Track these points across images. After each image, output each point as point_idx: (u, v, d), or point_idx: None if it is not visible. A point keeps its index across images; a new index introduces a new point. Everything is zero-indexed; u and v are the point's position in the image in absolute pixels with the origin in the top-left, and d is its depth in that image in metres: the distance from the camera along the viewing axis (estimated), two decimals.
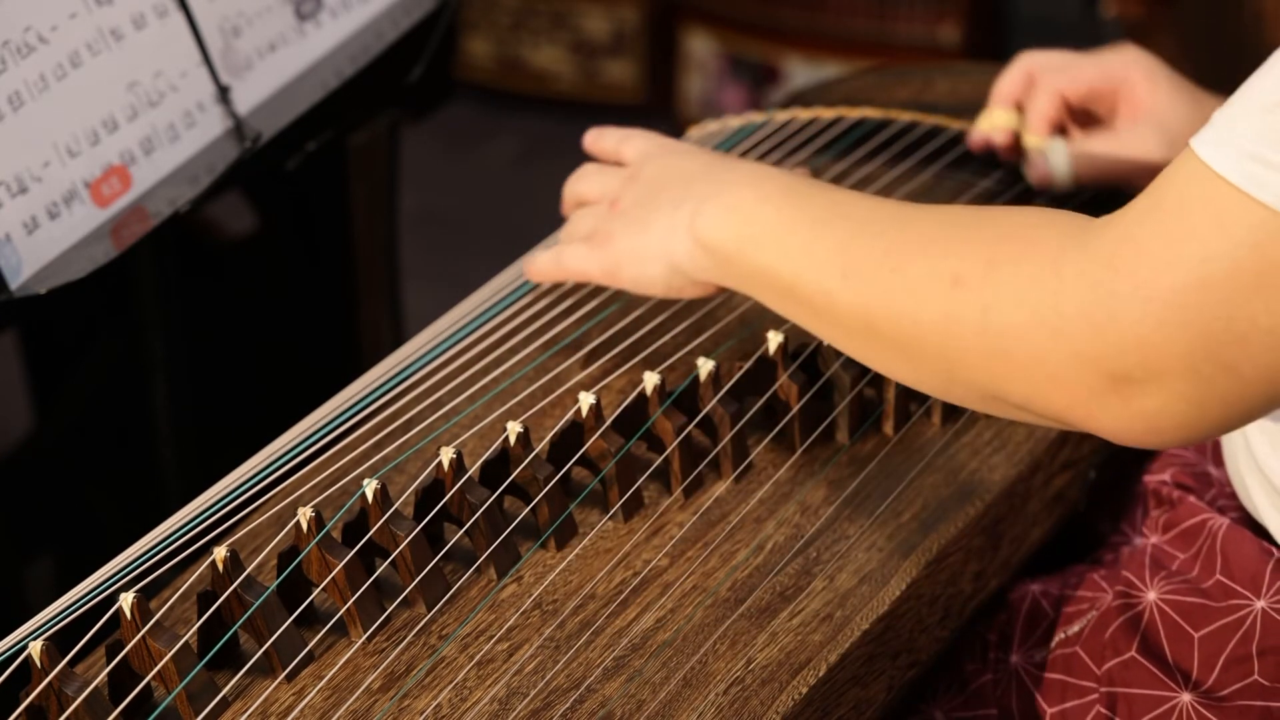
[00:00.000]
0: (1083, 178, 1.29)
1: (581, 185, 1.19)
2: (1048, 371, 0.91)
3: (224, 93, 1.36)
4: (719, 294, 1.11)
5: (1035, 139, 1.31)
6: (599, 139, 1.21)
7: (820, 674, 1.01)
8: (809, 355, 1.16)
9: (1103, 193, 1.33)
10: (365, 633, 1.01)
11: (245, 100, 1.38)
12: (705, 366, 1.12)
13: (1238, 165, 0.85)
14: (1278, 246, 0.84)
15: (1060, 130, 1.31)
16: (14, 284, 1.21)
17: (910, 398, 1.17)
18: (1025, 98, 1.33)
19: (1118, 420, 0.90)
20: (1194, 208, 0.87)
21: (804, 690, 1.00)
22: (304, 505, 1.02)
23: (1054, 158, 1.28)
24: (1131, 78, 1.27)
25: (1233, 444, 1.09)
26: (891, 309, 0.96)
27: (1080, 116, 1.32)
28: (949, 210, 0.99)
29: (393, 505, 1.03)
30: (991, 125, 1.34)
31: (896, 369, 0.99)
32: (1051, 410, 0.92)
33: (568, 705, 0.98)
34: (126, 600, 0.97)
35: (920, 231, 0.97)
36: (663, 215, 1.09)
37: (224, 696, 0.98)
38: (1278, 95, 0.85)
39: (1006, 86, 1.33)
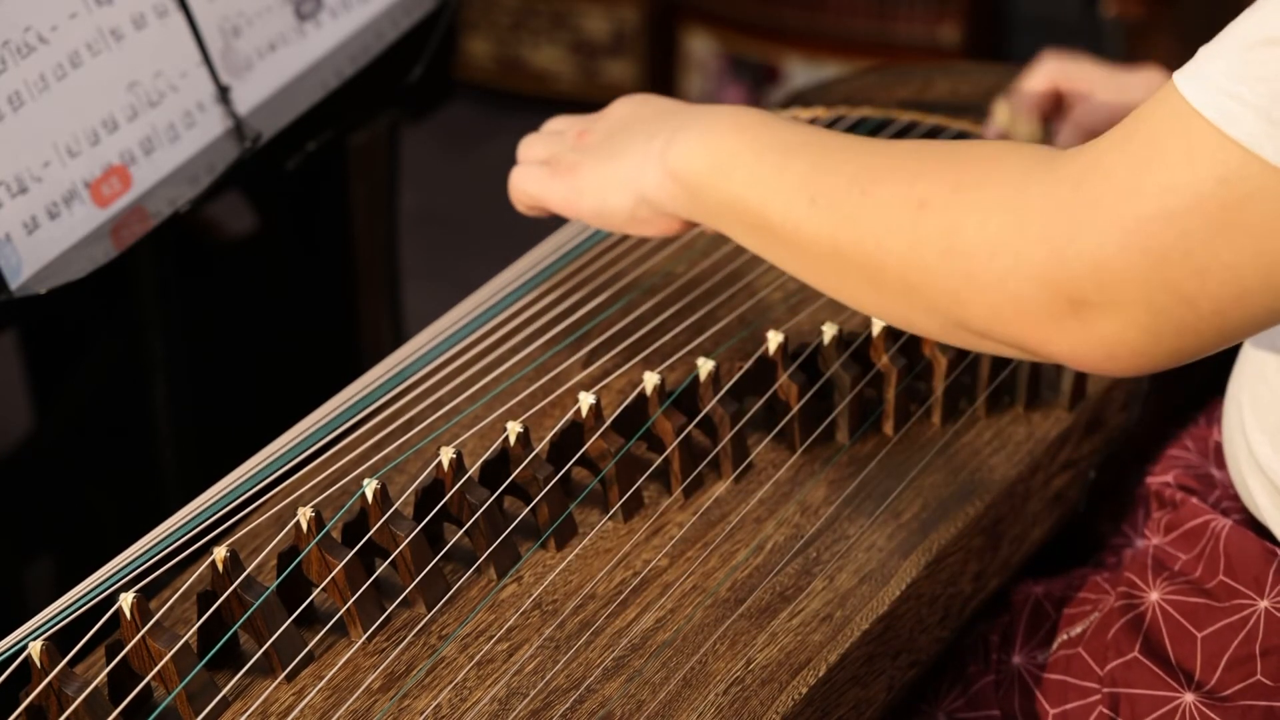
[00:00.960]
0: None
1: (546, 126, 1.18)
2: (1009, 293, 0.91)
3: (224, 93, 1.36)
4: (683, 231, 1.09)
5: None
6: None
7: (820, 674, 1.01)
8: (809, 355, 1.16)
9: None
10: (365, 633, 1.01)
11: (245, 100, 1.38)
12: (705, 366, 1.12)
13: (1213, 100, 0.85)
14: (1244, 183, 0.85)
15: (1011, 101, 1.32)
16: (14, 284, 1.21)
17: (910, 397, 1.18)
18: (1050, 109, 1.33)
19: (1075, 345, 0.90)
20: (1166, 139, 0.87)
21: (804, 690, 1.00)
22: (304, 505, 1.02)
23: (1010, 130, 1.28)
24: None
25: (1235, 446, 1.09)
26: (858, 234, 0.96)
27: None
28: (919, 141, 0.99)
29: (393, 505, 1.03)
30: (1014, 131, 1.34)
31: (863, 298, 0.99)
32: (1010, 334, 0.92)
33: (568, 705, 0.98)
34: (126, 600, 0.97)
35: (889, 158, 0.97)
36: (635, 146, 1.08)
37: (224, 696, 0.98)
38: (1259, 34, 0.85)
39: (1032, 95, 1.33)
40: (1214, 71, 0.86)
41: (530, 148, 1.16)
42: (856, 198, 0.96)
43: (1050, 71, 1.33)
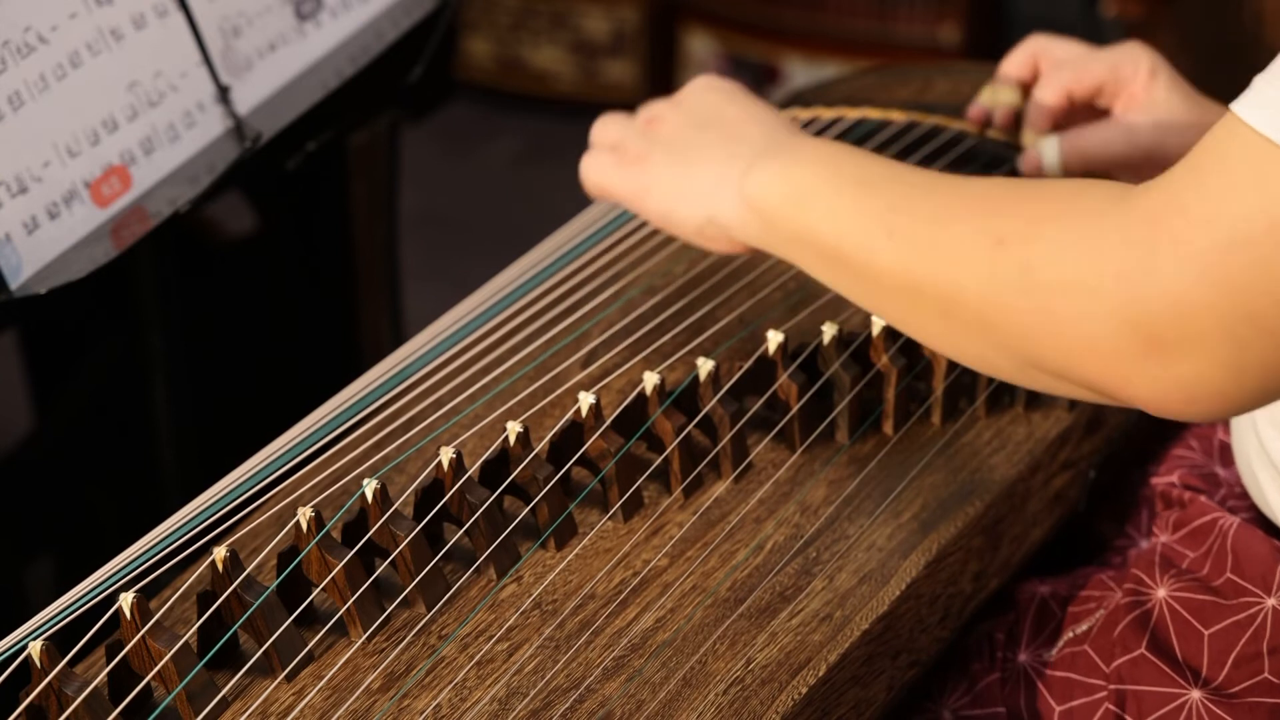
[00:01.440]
0: (1070, 169, 1.28)
1: (619, 114, 1.16)
2: (1086, 332, 0.90)
3: (224, 93, 1.36)
4: (747, 254, 1.09)
5: (1032, 134, 1.31)
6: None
7: (820, 674, 1.01)
8: (809, 355, 1.16)
9: None
10: (365, 633, 1.01)
11: (245, 100, 1.38)
12: (705, 366, 1.12)
13: (1277, 124, 0.85)
14: None
15: (1061, 124, 1.31)
16: (14, 284, 1.21)
17: (910, 397, 1.18)
18: (1030, 81, 1.33)
19: (1154, 387, 0.89)
20: (1233, 166, 0.86)
21: (804, 690, 1.00)
22: (304, 505, 1.02)
23: (1047, 153, 1.28)
24: (1137, 74, 1.27)
25: (1244, 440, 1.09)
26: (934, 269, 0.96)
27: (1082, 110, 1.32)
28: (996, 178, 0.99)
29: (393, 505, 1.03)
30: (994, 101, 1.34)
31: (937, 335, 0.98)
32: (1088, 376, 0.91)
33: (567, 705, 0.98)
34: (126, 600, 0.97)
35: (967, 194, 0.97)
36: (712, 161, 1.08)
37: (224, 696, 0.98)
38: None
39: (1013, 66, 1.33)
40: (1276, 96, 0.86)
41: (603, 131, 1.14)
42: (934, 232, 0.96)
43: (1031, 44, 1.33)
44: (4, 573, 1.78)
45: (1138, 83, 1.27)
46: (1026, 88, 1.34)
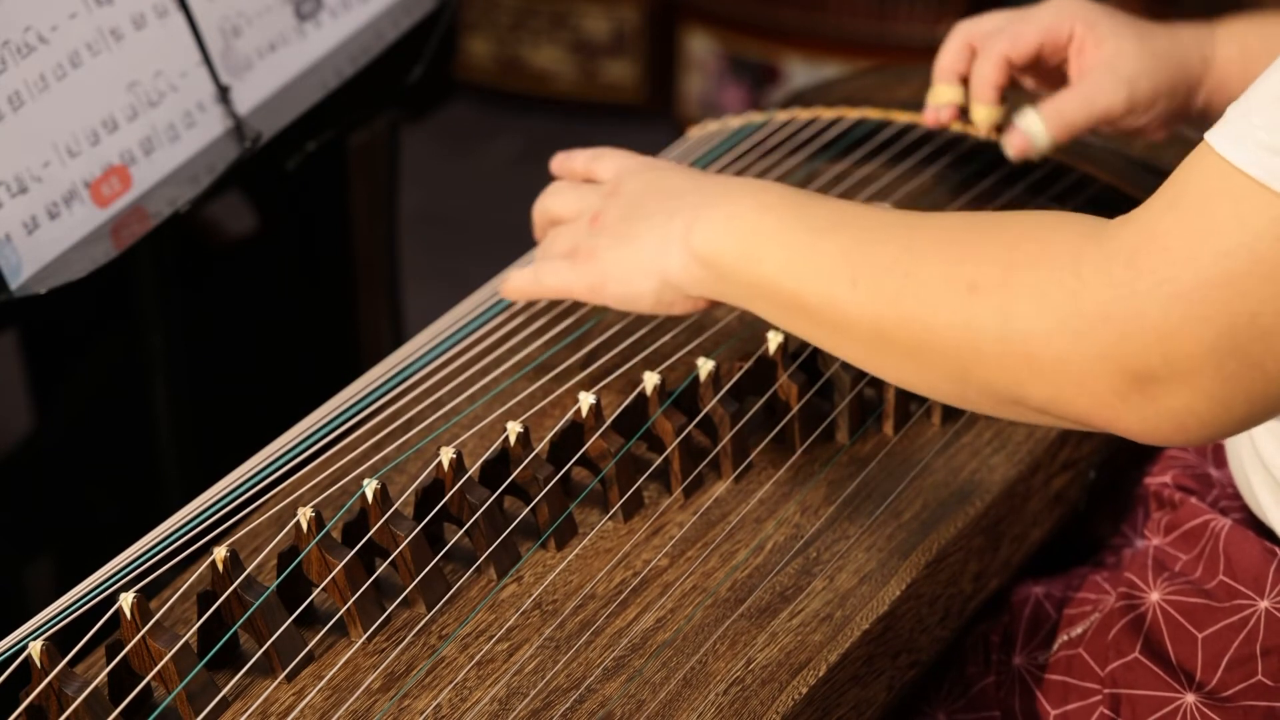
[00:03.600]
0: (1058, 138, 1.27)
1: (554, 201, 1.15)
2: (1071, 374, 0.90)
3: (224, 93, 1.36)
4: (711, 309, 1.09)
5: (986, 110, 1.29)
6: (568, 160, 1.17)
7: (820, 674, 1.01)
8: (809, 355, 1.16)
9: (1101, 193, 1.33)
10: (365, 633, 1.01)
11: (245, 100, 1.38)
12: (705, 366, 1.12)
13: (1255, 158, 0.85)
14: None
15: (1008, 88, 1.31)
16: (14, 284, 1.21)
17: (910, 398, 1.17)
18: (968, 69, 1.32)
19: (1144, 420, 0.89)
20: (1213, 201, 0.86)
21: (804, 690, 1.00)
22: (304, 505, 1.02)
23: (1030, 127, 1.27)
24: (1075, 31, 1.26)
25: (1237, 443, 1.09)
26: (904, 315, 0.95)
27: (1035, 75, 1.31)
28: (956, 215, 0.98)
29: (393, 505, 1.03)
30: (936, 102, 1.32)
31: (908, 376, 0.98)
32: (1074, 413, 0.91)
33: (568, 705, 0.98)
34: (126, 600, 0.97)
35: (930, 236, 0.96)
36: (653, 228, 1.06)
37: (224, 696, 0.98)
38: None
39: (947, 60, 1.31)
40: (1253, 129, 0.86)
41: (552, 244, 1.13)
42: (900, 279, 0.95)
43: (959, 33, 1.32)
44: (4, 573, 1.78)
45: (1083, 38, 1.25)
46: (965, 79, 1.33)
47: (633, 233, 1.07)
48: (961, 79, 1.31)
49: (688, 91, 2.97)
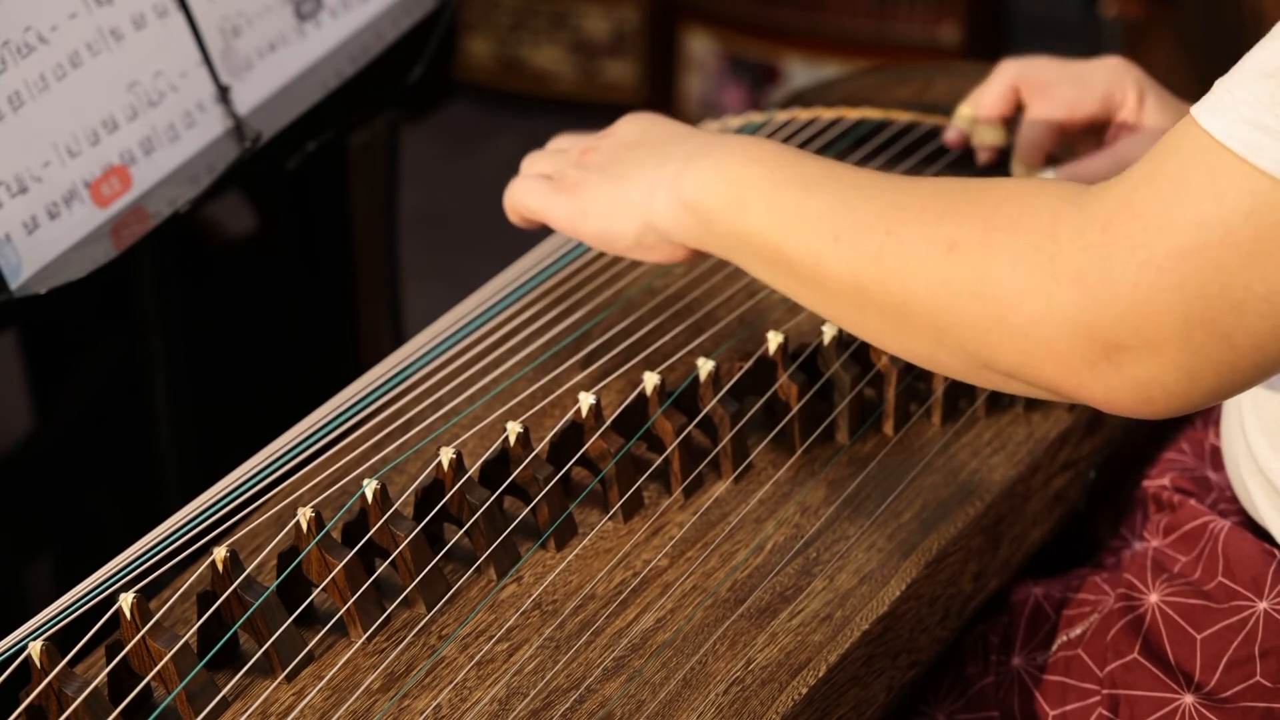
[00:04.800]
0: None
1: (551, 145, 1.16)
2: (1041, 337, 0.90)
3: (224, 93, 1.36)
4: (688, 260, 1.08)
5: (1025, 170, 1.30)
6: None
7: (820, 674, 1.01)
8: (809, 355, 1.16)
9: None
10: (365, 633, 1.01)
11: (245, 100, 1.38)
12: (705, 366, 1.12)
13: (1236, 131, 0.85)
14: (1273, 212, 0.84)
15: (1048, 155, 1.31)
16: (14, 284, 1.21)
17: (910, 397, 1.18)
18: (1011, 112, 1.32)
19: (1110, 389, 0.90)
20: (1192, 173, 0.86)
21: (804, 690, 1.00)
22: (304, 505, 1.02)
23: None
24: (1126, 100, 1.27)
25: (1233, 446, 1.09)
26: (883, 273, 0.95)
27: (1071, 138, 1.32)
28: (942, 179, 0.98)
29: (393, 505, 1.03)
30: (978, 140, 1.33)
31: (883, 336, 0.98)
32: (1043, 378, 0.91)
33: (568, 705, 0.98)
34: (126, 600, 0.97)
35: (914, 197, 0.96)
36: (643, 171, 1.07)
37: (224, 696, 0.98)
38: (1277, 63, 0.85)
39: (992, 100, 1.31)
40: (1235, 102, 0.86)
41: (534, 163, 1.14)
42: (881, 237, 0.95)
43: (1007, 73, 1.32)
44: (4, 573, 1.78)
45: (1127, 108, 1.26)
46: (1006, 118, 1.33)
47: (622, 172, 1.08)
48: (1002, 119, 1.31)
49: (688, 91, 2.97)
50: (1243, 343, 0.87)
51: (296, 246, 1.78)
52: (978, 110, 1.33)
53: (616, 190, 1.07)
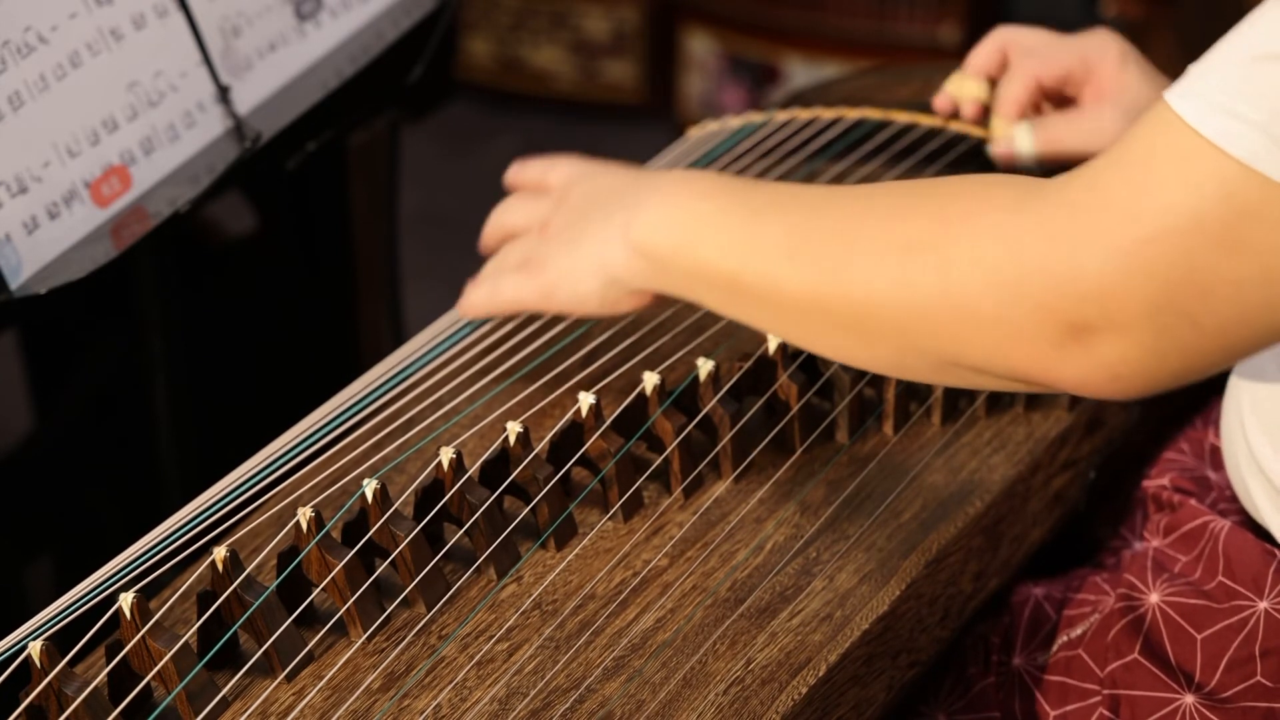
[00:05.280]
0: (1045, 159, 1.28)
1: (507, 216, 1.15)
2: (1008, 326, 0.90)
3: (224, 93, 1.36)
4: (657, 306, 1.09)
5: (1002, 122, 1.31)
6: (522, 171, 1.17)
7: (820, 674, 1.01)
8: (809, 355, 1.16)
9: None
10: (365, 633, 1.01)
11: (245, 100, 1.38)
12: (705, 366, 1.12)
13: (1209, 117, 0.85)
14: (1244, 200, 0.84)
15: (1029, 113, 1.31)
16: (14, 284, 1.21)
17: (911, 397, 1.18)
18: (998, 73, 1.33)
19: (1079, 371, 0.90)
20: (1162, 158, 0.86)
21: (804, 690, 1.00)
22: (304, 505, 1.02)
23: (1021, 140, 1.28)
24: (1105, 61, 1.27)
25: (1234, 447, 1.09)
26: (842, 286, 0.94)
27: (1051, 98, 1.32)
28: (892, 183, 0.98)
29: (393, 505, 1.03)
30: (960, 93, 1.34)
31: (848, 349, 0.97)
32: (1011, 367, 0.91)
33: (568, 705, 0.98)
34: (126, 600, 0.97)
35: (866, 204, 0.96)
36: (594, 229, 1.06)
37: (224, 696, 0.98)
38: (1254, 50, 0.85)
39: (981, 59, 1.32)
40: (1209, 89, 0.85)
41: (505, 257, 1.13)
42: (838, 250, 0.95)
43: (998, 37, 1.33)
44: (4, 573, 1.78)
45: (1107, 70, 1.26)
46: (993, 80, 1.34)
47: (577, 237, 1.07)
48: (989, 79, 1.32)
49: (688, 91, 2.97)
50: (1209, 327, 0.87)
51: (296, 246, 1.78)
52: (966, 67, 1.34)
53: (574, 256, 1.07)
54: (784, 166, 1.37)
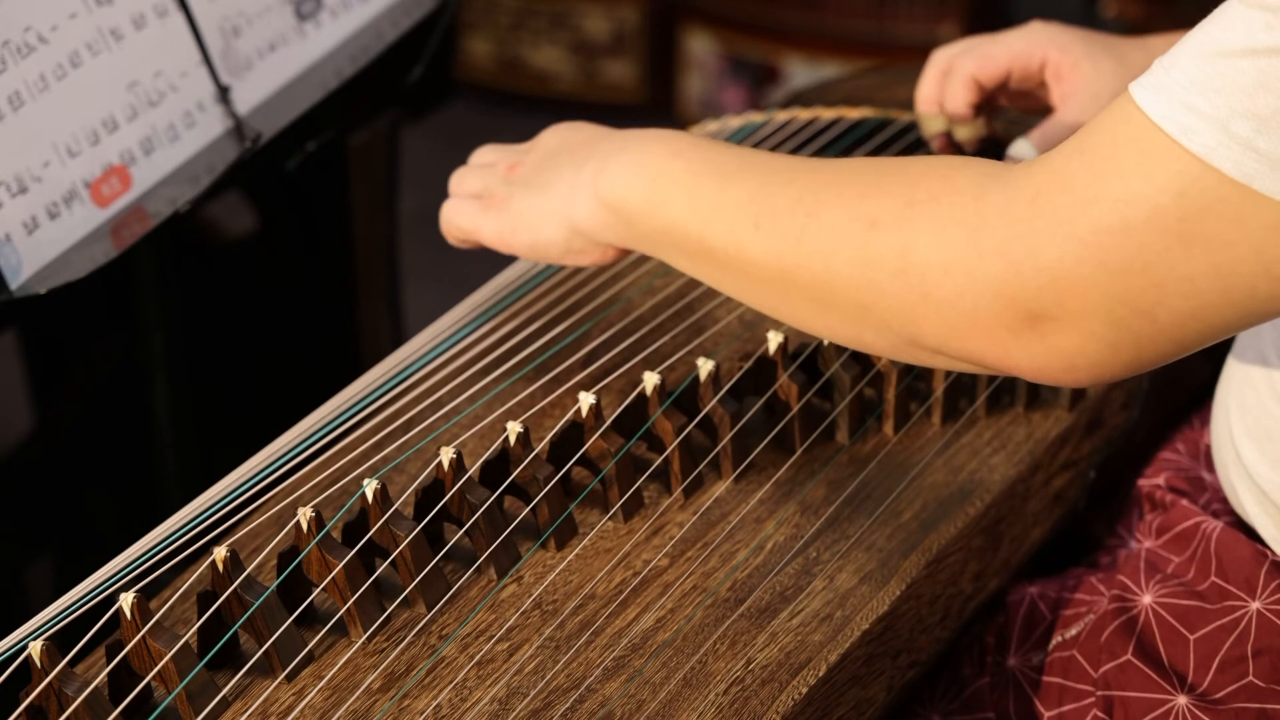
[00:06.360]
0: None
1: (479, 157, 1.16)
2: (965, 309, 0.90)
3: (224, 93, 1.36)
4: (619, 258, 1.08)
5: (965, 128, 1.31)
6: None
7: (820, 674, 1.01)
8: (809, 355, 1.16)
9: None
10: (365, 633, 1.01)
11: (245, 100, 1.38)
12: (705, 366, 1.12)
13: (1170, 112, 0.85)
14: (1201, 195, 0.85)
15: (981, 109, 1.31)
16: (14, 284, 1.21)
17: (911, 397, 1.18)
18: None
19: (1033, 358, 0.90)
20: (1122, 150, 0.87)
21: (804, 690, 1.00)
22: (304, 505, 1.02)
23: (1023, 155, 1.28)
24: (1049, 57, 1.27)
25: (1223, 451, 1.09)
26: (806, 255, 0.95)
27: (1014, 98, 1.32)
28: (862, 159, 0.98)
29: (393, 505, 1.03)
30: (927, 133, 1.34)
31: (809, 319, 0.98)
32: (967, 350, 0.92)
33: (568, 705, 0.98)
34: (126, 600, 0.97)
35: (834, 177, 0.96)
36: (562, 177, 1.07)
37: (224, 696, 0.98)
38: (1216, 46, 0.85)
39: (926, 90, 1.32)
40: (1171, 83, 0.86)
41: (462, 181, 1.14)
42: (802, 219, 0.95)
43: (934, 64, 1.33)
44: (4, 573, 1.78)
45: (1058, 63, 1.26)
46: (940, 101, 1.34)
47: (545, 181, 1.08)
48: (941, 105, 1.32)
49: (688, 91, 2.97)
50: (1164, 319, 0.87)
51: (297, 247, 1.78)
52: (917, 104, 1.34)
53: (540, 200, 1.08)
54: None
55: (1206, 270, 0.86)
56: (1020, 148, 1.28)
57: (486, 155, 1.17)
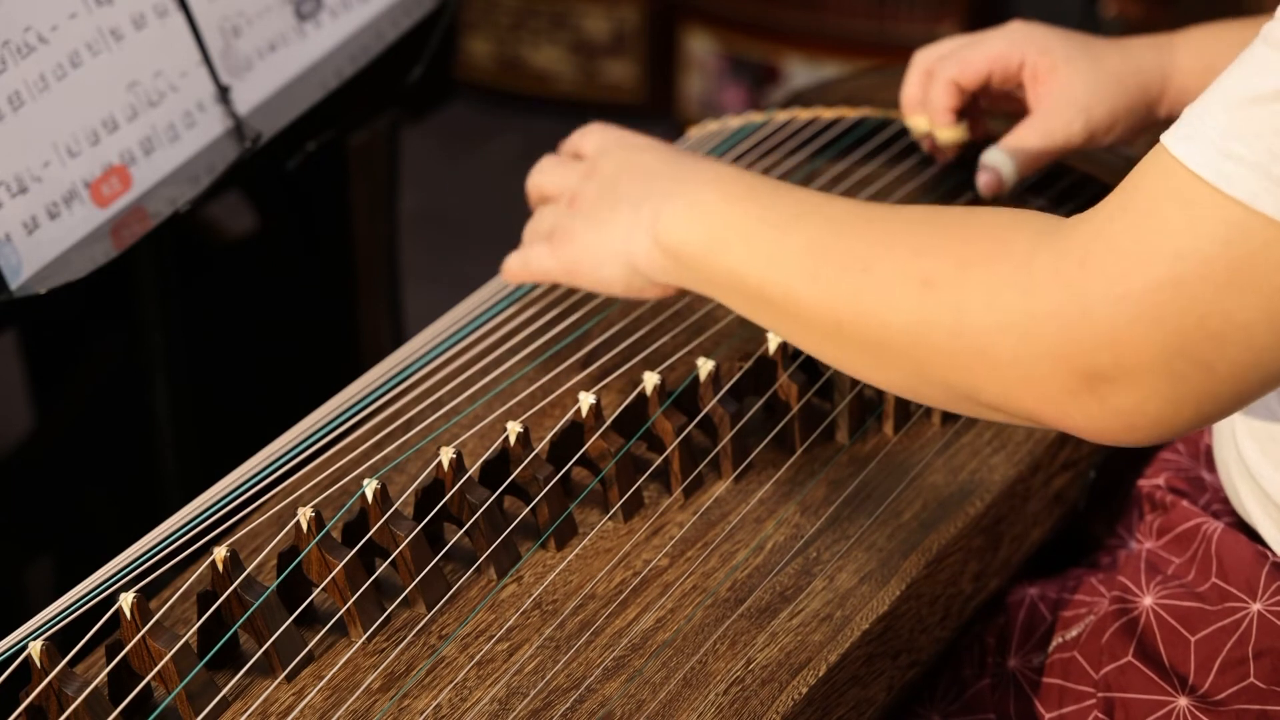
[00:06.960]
0: (1023, 173, 1.29)
1: (543, 179, 1.17)
2: (1021, 372, 0.90)
3: (224, 93, 1.36)
4: (681, 295, 1.09)
5: (947, 133, 1.31)
6: (565, 142, 1.19)
7: (820, 674, 1.01)
8: (809, 355, 1.16)
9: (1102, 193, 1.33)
10: (365, 633, 1.01)
11: (245, 100, 1.38)
12: (705, 366, 1.12)
13: (1208, 160, 0.85)
14: (1249, 242, 0.84)
15: (964, 113, 1.31)
16: (14, 284, 1.21)
17: None
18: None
19: (1093, 419, 0.90)
20: (1165, 204, 0.86)
21: (804, 690, 1.00)
22: (304, 505, 1.02)
23: (1003, 167, 1.28)
24: (1028, 58, 1.27)
25: (1224, 451, 1.09)
26: (860, 310, 0.95)
27: (994, 100, 1.32)
28: (917, 210, 0.98)
29: (393, 505, 1.03)
30: (916, 136, 1.34)
31: (864, 370, 0.98)
32: (1026, 410, 0.92)
33: (568, 705, 0.98)
34: (126, 600, 0.97)
35: (889, 231, 0.96)
36: (622, 214, 1.08)
37: (224, 696, 0.98)
38: (1250, 91, 0.85)
39: (909, 92, 1.32)
40: (1207, 131, 0.85)
41: (537, 225, 1.15)
42: (858, 275, 0.95)
43: (917, 65, 1.33)
44: (4, 573, 1.78)
45: (1035, 65, 1.26)
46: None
47: (604, 216, 1.09)
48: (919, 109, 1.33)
49: (688, 91, 2.97)
50: (1223, 372, 0.87)
51: (297, 246, 1.78)
52: (903, 108, 1.34)
53: (600, 238, 1.09)
54: (784, 166, 1.37)
55: (1261, 316, 0.85)
56: (993, 156, 1.28)
57: (546, 175, 1.16)
